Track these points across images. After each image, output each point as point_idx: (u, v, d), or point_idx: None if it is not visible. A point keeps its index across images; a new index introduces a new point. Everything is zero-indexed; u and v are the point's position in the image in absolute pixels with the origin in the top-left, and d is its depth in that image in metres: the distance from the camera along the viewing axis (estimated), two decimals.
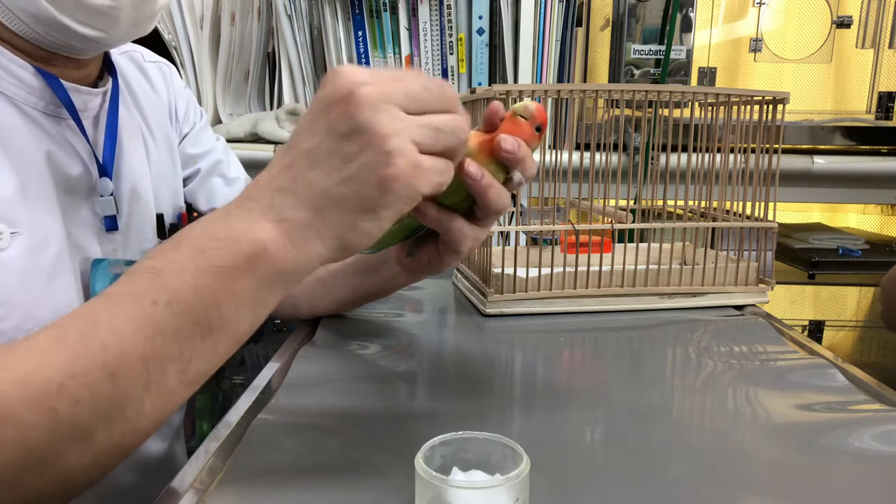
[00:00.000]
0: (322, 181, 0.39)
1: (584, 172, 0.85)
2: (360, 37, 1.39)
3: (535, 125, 0.48)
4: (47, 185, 0.57)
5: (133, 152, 0.67)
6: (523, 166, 0.47)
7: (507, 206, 0.48)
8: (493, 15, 1.37)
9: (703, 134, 0.80)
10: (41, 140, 0.57)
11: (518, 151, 0.46)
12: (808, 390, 0.57)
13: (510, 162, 0.47)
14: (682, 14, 1.35)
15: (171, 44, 1.41)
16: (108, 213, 0.62)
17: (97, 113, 0.63)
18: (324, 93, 0.39)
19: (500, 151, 0.46)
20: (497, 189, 0.46)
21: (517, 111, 0.48)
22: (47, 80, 0.57)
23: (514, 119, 0.48)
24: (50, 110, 0.58)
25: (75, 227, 0.59)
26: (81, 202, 0.60)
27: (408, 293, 0.87)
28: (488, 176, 0.46)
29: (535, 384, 0.61)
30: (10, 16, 0.53)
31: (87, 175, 0.61)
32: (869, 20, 1.52)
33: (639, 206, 0.86)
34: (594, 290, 0.78)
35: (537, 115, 0.48)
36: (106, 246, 0.62)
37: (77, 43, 0.56)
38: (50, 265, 0.56)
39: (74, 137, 0.60)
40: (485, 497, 0.35)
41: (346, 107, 0.38)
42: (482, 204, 0.47)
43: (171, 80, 0.77)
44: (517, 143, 0.46)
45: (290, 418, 0.51)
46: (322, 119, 0.39)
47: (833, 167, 1.42)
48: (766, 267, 0.83)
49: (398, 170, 0.38)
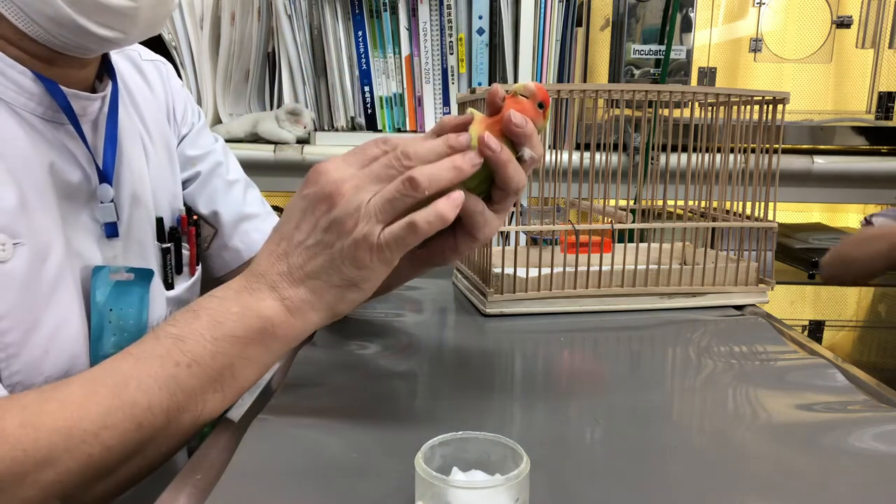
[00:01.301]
0: (312, 266, 0.47)
1: (584, 172, 0.85)
2: (360, 37, 1.39)
3: (538, 102, 0.48)
4: (47, 192, 0.56)
5: (133, 156, 0.66)
6: (531, 143, 0.49)
7: (523, 184, 0.49)
8: (493, 15, 1.37)
9: (703, 134, 0.80)
10: (40, 146, 0.56)
11: (526, 126, 0.48)
12: (808, 390, 0.57)
13: (519, 137, 0.48)
14: (682, 14, 1.35)
15: (171, 44, 1.41)
16: (108, 220, 0.61)
17: (96, 117, 0.62)
18: (309, 192, 0.47)
19: (509, 125, 0.47)
20: (515, 165, 0.48)
21: (518, 91, 0.48)
22: (46, 86, 0.56)
23: (515, 99, 0.48)
24: (49, 116, 0.57)
25: (75, 234, 0.59)
26: (81, 209, 0.60)
27: (408, 293, 0.87)
28: (506, 150, 0.47)
29: (535, 384, 0.61)
30: (24, 18, 0.52)
31: (86, 181, 0.60)
32: (869, 20, 1.52)
33: (639, 206, 0.86)
34: (594, 290, 0.78)
35: (538, 92, 0.48)
36: (106, 253, 0.62)
37: (92, 44, 0.55)
38: (52, 275, 0.55)
39: (74, 143, 0.59)
40: (485, 497, 0.35)
41: (329, 203, 0.46)
42: (501, 181, 0.48)
43: (168, 79, 0.76)
44: (524, 119, 0.48)
45: (290, 418, 0.51)
46: (310, 215, 0.47)
47: (833, 167, 1.42)
48: (766, 267, 0.83)
49: (364, 252, 0.46)
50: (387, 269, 0.47)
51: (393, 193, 0.45)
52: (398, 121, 1.44)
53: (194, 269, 0.74)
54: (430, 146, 0.47)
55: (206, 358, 0.46)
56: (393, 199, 0.45)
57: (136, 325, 0.62)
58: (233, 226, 0.79)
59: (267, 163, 1.38)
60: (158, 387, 0.45)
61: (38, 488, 0.42)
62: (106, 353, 0.59)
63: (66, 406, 0.43)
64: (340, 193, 0.46)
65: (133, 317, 0.62)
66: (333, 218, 0.46)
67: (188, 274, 0.74)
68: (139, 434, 0.45)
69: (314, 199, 0.47)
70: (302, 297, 0.48)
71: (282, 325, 0.47)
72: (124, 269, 0.62)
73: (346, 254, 0.46)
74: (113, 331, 0.60)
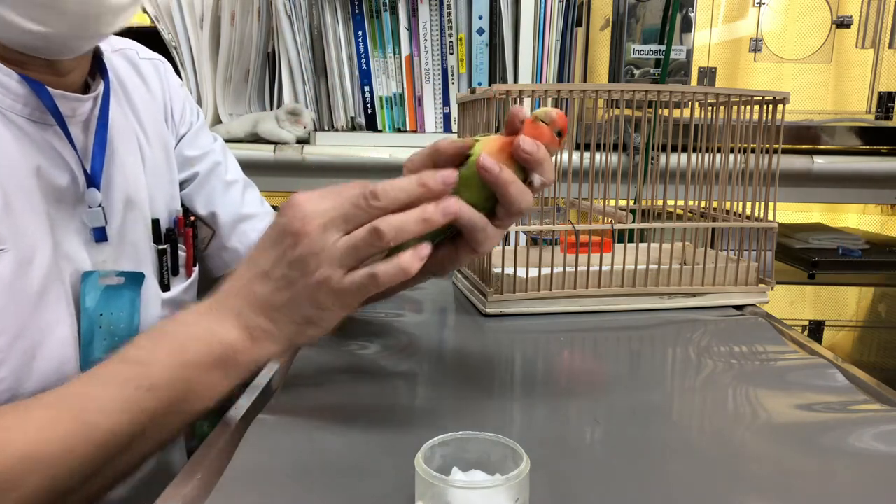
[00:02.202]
0: (274, 299, 0.48)
1: (584, 172, 0.85)
2: (360, 37, 1.39)
3: (556, 130, 0.49)
4: (34, 195, 0.55)
5: (126, 157, 0.65)
6: (542, 169, 0.49)
7: (529, 205, 0.49)
8: (493, 15, 1.37)
9: (703, 134, 0.80)
10: (27, 148, 0.55)
11: (537, 153, 0.48)
12: (808, 390, 0.57)
13: (529, 163, 0.48)
14: (682, 14, 1.35)
15: (171, 44, 1.41)
16: (96, 225, 0.60)
17: (87, 118, 0.61)
18: (281, 221, 0.48)
19: (519, 152, 0.47)
20: (519, 186, 0.48)
21: (538, 116, 0.49)
22: (32, 87, 0.54)
23: (534, 124, 0.49)
24: (36, 117, 0.56)
25: (65, 238, 0.58)
26: (70, 212, 0.59)
27: (408, 293, 0.87)
28: (508, 171, 0.47)
29: (535, 384, 0.61)
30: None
31: (74, 184, 0.59)
32: (869, 20, 1.52)
33: (639, 206, 0.86)
34: (594, 290, 0.78)
35: (558, 120, 0.49)
36: (96, 257, 0.61)
37: (32, 40, 0.52)
38: (38, 280, 0.54)
39: (62, 145, 0.58)
40: (485, 497, 0.35)
41: (295, 239, 0.46)
42: (504, 201, 0.48)
43: (166, 78, 0.75)
44: (536, 145, 0.48)
45: (290, 418, 0.51)
46: (277, 246, 0.48)
47: (833, 167, 1.42)
48: (766, 267, 0.83)
49: (324, 295, 0.46)
50: (347, 311, 0.48)
51: (357, 241, 0.46)
52: (398, 121, 1.44)
53: (191, 271, 0.74)
54: (402, 185, 0.46)
55: (168, 382, 0.47)
56: (357, 247, 0.46)
57: (128, 330, 0.62)
58: (231, 226, 0.79)
59: (267, 163, 1.38)
60: (120, 410, 0.46)
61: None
62: (97, 358, 0.58)
63: (28, 431, 0.44)
64: (306, 232, 0.46)
65: (124, 321, 0.62)
66: (297, 255, 0.46)
67: (185, 275, 0.73)
68: (102, 456, 0.45)
69: (282, 231, 0.47)
70: (263, 328, 0.49)
71: (243, 352, 0.49)
72: (114, 274, 0.61)
73: (306, 294, 0.47)
74: (104, 336, 0.60)
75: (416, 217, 0.45)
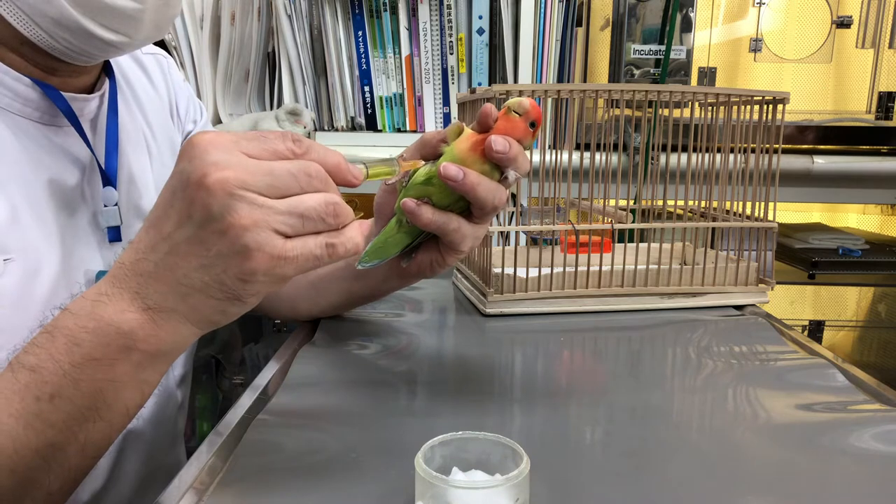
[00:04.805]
0: (182, 267, 0.39)
1: (584, 172, 0.85)
2: (360, 37, 1.39)
3: (529, 121, 0.48)
4: (42, 201, 0.54)
5: (135, 156, 0.65)
6: (516, 164, 0.48)
7: (502, 201, 0.48)
8: (493, 15, 1.37)
9: (703, 134, 0.80)
10: (35, 153, 0.54)
11: (509, 151, 0.47)
12: (808, 390, 0.57)
13: (502, 162, 0.47)
14: (682, 14, 1.35)
15: (171, 44, 1.41)
16: (111, 224, 0.59)
17: (95, 117, 0.61)
18: (180, 168, 0.38)
19: (491, 153, 0.47)
20: (486, 186, 0.47)
21: (511, 107, 0.48)
22: (44, 90, 0.54)
23: (507, 116, 0.48)
24: (46, 120, 0.55)
25: (75, 241, 0.57)
26: (81, 215, 0.58)
27: (408, 293, 0.87)
28: (472, 174, 0.46)
29: (535, 384, 0.61)
30: (25, 21, 0.50)
31: (89, 185, 0.58)
32: (869, 20, 1.52)
33: (639, 206, 0.86)
34: (594, 290, 0.78)
35: (531, 111, 0.48)
36: (109, 258, 0.60)
37: (95, 49, 0.53)
38: (45, 291, 0.53)
39: (75, 145, 0.57)
40: (485, 497, 0.35)
41: (200, 192, 0.37)
42: (474, 202, 0.48)
43: (169, 73, 0.75)
44: (507, 143, 0.47)
45: (290, 418, 0.51)
46: (179, 200, 0.38)
47: (833, 167, 1.42)
48: (766, 267, 0.83)
49: (256, 263, 0.37)
50: (277, 287, 0.40)
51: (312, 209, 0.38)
52: (398, 121, 1.44)
53: None
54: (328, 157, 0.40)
55: (69, 388, 0.40)
56: (305, 217, 0.38)
57: None
58: None
59: None
60: (22, 426, 0.40)
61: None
62: None
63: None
64: (215, 184, 0.36)
65: None
66: (211, 214, 0.37)
67: None
68: (15, 480, 0.41)
69: (185, 180, 0.37)
70: (170, 306, 0.40)
71: (147, 340, 0.41)
72: None
73: (229, 261, 0.38)
74: None
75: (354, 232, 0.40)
